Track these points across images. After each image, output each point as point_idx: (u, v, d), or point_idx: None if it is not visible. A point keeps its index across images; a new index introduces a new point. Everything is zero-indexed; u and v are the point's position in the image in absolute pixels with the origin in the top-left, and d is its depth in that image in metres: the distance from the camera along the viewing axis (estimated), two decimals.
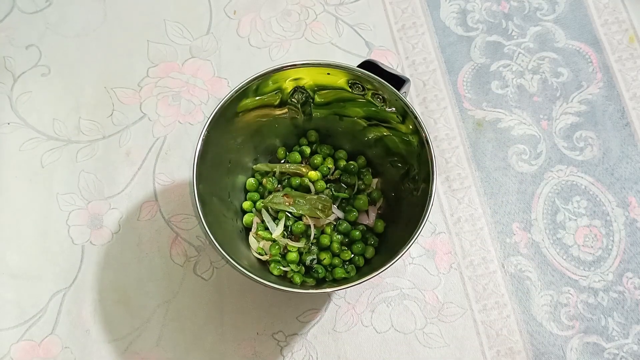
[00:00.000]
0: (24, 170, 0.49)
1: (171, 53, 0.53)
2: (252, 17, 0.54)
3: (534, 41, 0.53)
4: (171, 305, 0.46)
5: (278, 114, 0.45)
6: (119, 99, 0.51)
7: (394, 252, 0.37)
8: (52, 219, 0.48)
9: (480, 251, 0.47)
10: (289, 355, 0.45)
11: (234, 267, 0.37)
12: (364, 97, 0.42)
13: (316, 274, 0.42)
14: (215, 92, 0.52)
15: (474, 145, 0.50)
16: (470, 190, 0.49)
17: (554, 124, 0.51)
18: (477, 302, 0.46)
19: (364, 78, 0.40)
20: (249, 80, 0.40)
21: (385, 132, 0.44)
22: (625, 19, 0.53)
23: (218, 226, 0.40)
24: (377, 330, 0.46)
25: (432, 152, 0.39)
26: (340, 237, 0.44)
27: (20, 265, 0.47)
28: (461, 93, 0.51)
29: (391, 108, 0.41)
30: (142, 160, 0.50)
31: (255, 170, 0.46)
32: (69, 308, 0.46)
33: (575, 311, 0.46)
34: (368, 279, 0.37)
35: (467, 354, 0.45)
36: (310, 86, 0.43)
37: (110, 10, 0.54)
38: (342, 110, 0.45)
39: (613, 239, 0.48)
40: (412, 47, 0.53)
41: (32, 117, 0.51)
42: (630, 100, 0.51)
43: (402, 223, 0.43)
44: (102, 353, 0.45)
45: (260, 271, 0.42)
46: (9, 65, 0.52)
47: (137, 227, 0.48)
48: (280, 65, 0.40)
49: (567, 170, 0.49)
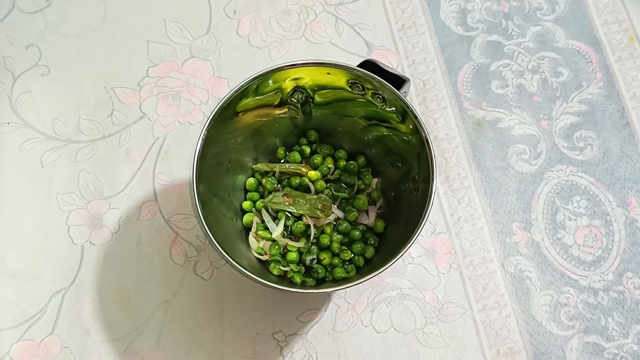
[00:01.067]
0: (24, 170, 0.49)
1: (171, 53, 0.53)
2: (252, 16, 0.54)
3: (534, 41, 0.53)
4: (171, 305, 0.46)
5: (278, 113, 0.45)
6: (119, 98, 0.51)
7: (394, 252, 0.37)
8: (52, 219, 0.48)
9: (480, 251, 0.47)
10: (288, 355, 0.45)
11: (234, 267, 0.37)
12: (364, 97, 0.42)
13: (316, 274, 0.42)
14: (215, 92, 0.52)
15: (473, 145, 0.50)
16: (470, 190, 0.49)
17: (554, 123, 0.51)
18: (477, 302, 0.46)
19: (364, 78, 0.40)
20: (249, 80, 0.40)
21: (385, 131, 0.44)
22: (625, 19, 0.53)
23: (218, 226, 0.40)
24: (377, 330, 0.46)
25: (432, 152, 0.39)
26: (340, 237, 0.44)
27: (19, 265, 0.47)
28: (461, 93, 0.51)
29: (391, 108, 0.41)
30: (142, 160, 0.50)
31: (255, 170, 0.46)
32: (68, 308, 0.46)
33: (575, 311, 0.46)
34: (368, 278, 0.37)
35: (467, 354, 0.45)
36: (310, 86, 0.43)
37: (110, 10, 0.54)
38: (342, 110, 0.45)
39: (613, 239, 0.48)
40: (412, 46, 0.53)
41: (32, 117, 0.51)
42: (630, 100, 0.51)
43: (402, 223, 0.43)
44: (102, 353, 0.45)
45: (260, 271, 0.42)
46: (8, 65, 0.52)
47: (137, 227, 0.48)
48: (280, 65, 0.40)
49: (567, 170, 0.49)
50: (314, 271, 0.42)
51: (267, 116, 0.45)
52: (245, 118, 0.43)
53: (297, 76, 0.42)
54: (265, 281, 0.37)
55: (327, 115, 0.45)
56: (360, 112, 0.44)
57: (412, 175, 0.42)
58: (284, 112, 0.45)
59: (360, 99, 0.42)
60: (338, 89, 0.42)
